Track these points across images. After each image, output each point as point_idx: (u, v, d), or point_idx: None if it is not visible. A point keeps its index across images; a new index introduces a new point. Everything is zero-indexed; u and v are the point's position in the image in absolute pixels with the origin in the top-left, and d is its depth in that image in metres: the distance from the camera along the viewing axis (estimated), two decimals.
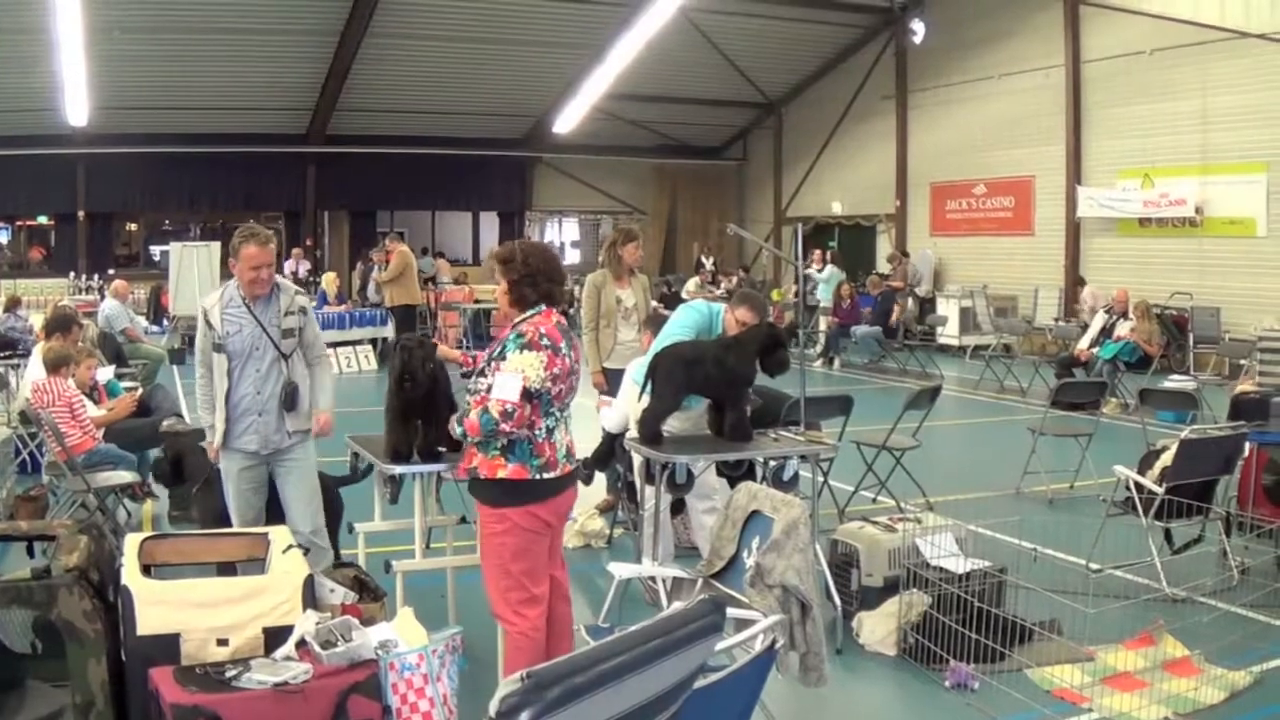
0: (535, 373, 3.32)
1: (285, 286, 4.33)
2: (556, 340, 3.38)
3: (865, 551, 4.64)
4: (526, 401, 3.31)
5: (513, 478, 3.39)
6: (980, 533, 4.72)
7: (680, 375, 4.48)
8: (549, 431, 3.41)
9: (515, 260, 3.48)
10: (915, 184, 19.14)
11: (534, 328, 3.38)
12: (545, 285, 3.44)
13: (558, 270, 3.47)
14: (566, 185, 23.12)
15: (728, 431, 4.58)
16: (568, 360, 3.40)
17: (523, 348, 3.34)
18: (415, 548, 4.21)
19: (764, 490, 3.93)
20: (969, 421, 10.75)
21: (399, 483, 4.18)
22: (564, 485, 3.45)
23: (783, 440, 4.72)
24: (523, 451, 3.39)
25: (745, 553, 3.79)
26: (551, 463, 3.40)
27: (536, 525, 3.41)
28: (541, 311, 3.44)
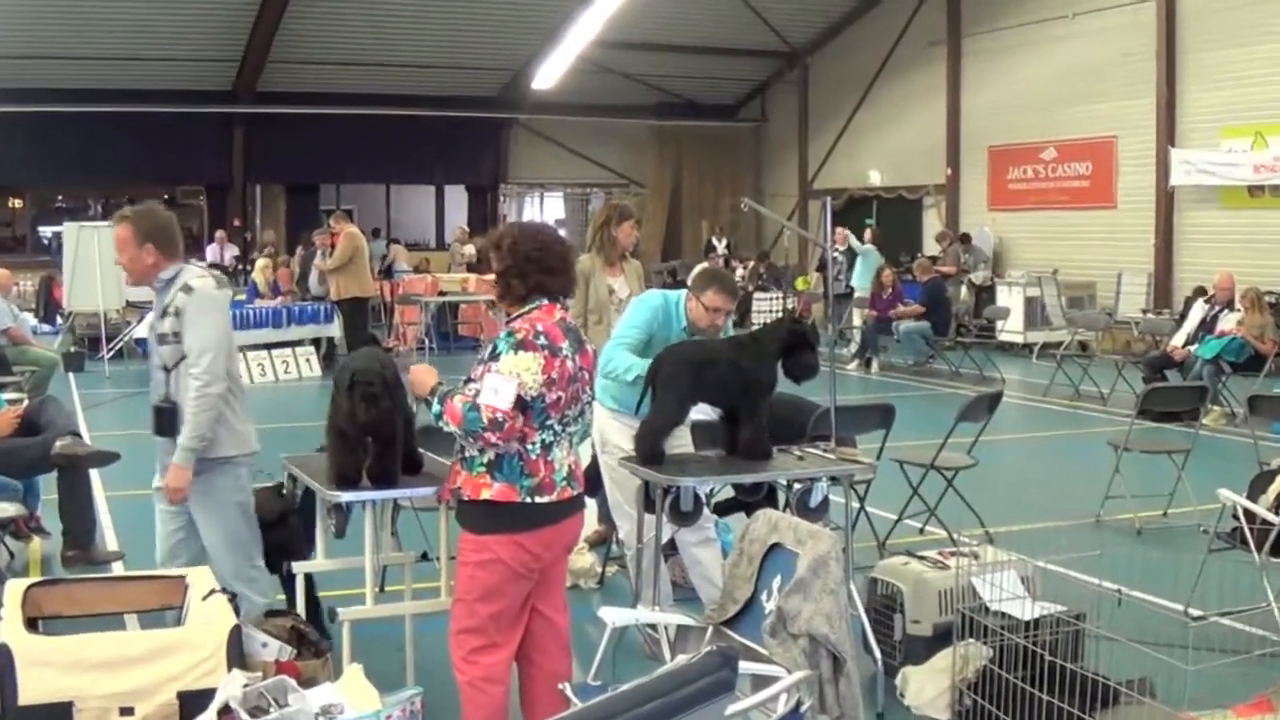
0: (531, 377, 3.34)
1: (180, 279, 4.21)
2: (556, 340, 3.40)
3: (911, 593, 4.65)
4: (520, 411, 3.33)
5: (498, 499, 3.41)
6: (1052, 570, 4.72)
7: (687, 380, 4.49)
8: (545, 447, 3.43)
9: (502, 246, 3.51)
10: (970, 148, 19.18)
11: (529, 325, 3.41)
12: (536, 277, 3.45)
13: (556, 257, 3.48)
14: (549, 153, 23.16)
15: (743, 448, 4.59)
16: (569, 364, 3.41)
17: (516, 347, 3.36)
18: (366, 591, 4.22)
19: (787, 519, 3.93)
20: (1037, 435, 10.73)
21: (346, 513, 4.19)
22: (562, 513, 3.46)
23: (809, 459, 4.72)
24: (512, 469, 3.41)
25: (764, 595, 3.80)
26: (546, 485, 3.42)
27: (523, 560, 3.42)
28: (540, 307, 3.46)
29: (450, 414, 3.39)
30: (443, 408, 3.41)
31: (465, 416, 3.35)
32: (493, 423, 3.32)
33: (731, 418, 4.64)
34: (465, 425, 3.35)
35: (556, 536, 3.48)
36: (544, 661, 3.57)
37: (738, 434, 4.60)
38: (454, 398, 3.42)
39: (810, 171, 22.69)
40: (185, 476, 4.13)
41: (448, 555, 4.28)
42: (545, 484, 3.43)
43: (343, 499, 4.07)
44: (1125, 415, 9.24)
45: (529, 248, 3.46)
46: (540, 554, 3.44)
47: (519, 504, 3.41)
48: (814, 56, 22.41)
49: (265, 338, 13.84)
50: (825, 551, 3.67)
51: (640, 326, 4.93)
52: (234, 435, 4.25)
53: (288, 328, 14.06)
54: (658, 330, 4.93)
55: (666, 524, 4.56)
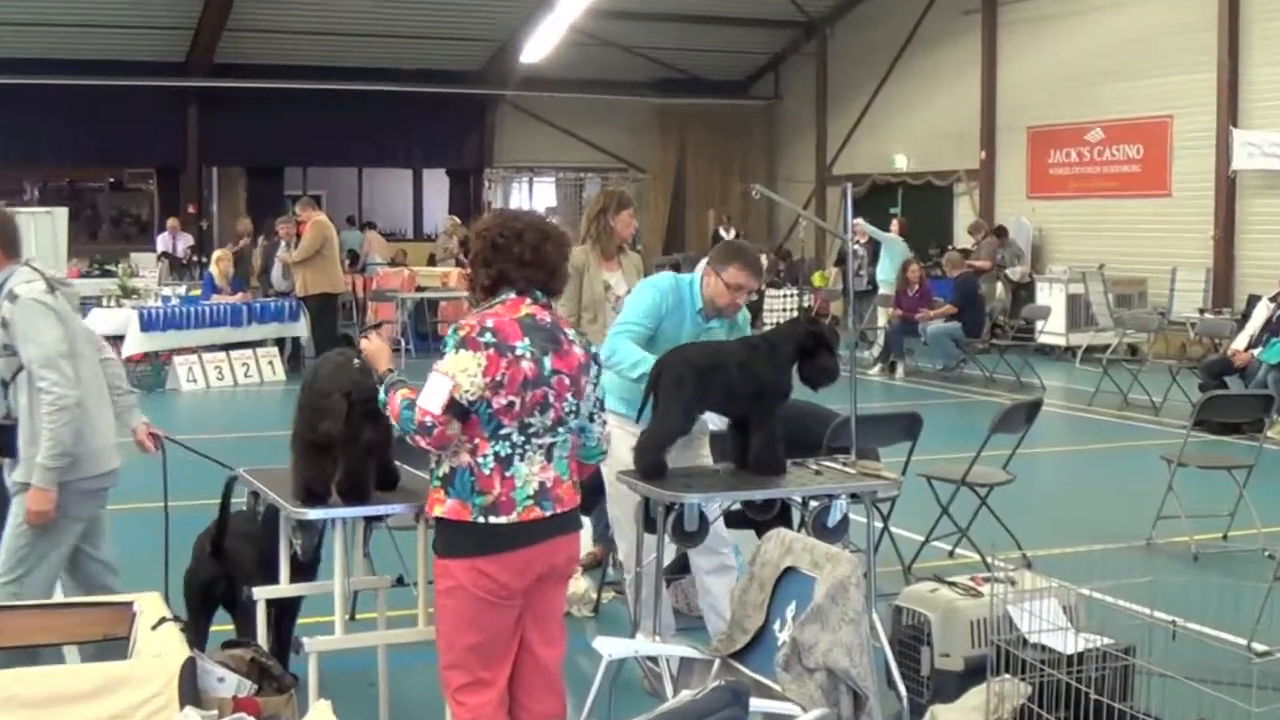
0: (469, 379, 3.34)
1: (7, 285, 4.18)
2: (508, 338, 3.40)
3: (940, 623, 4.65)
4: (455, 418, 3.35)
5: (450, 517, 3.44)
6: (1098, 599, 4.72)
7: (692, 386, 4.49)
8: (501, 461, 3.42)
9: (481, 232, 3.55)
10: (1007, 129, 19.21)
11: (477, 321, 3.42)
12: (500, 267, 3.48)
13: (527, 247, 3.48)
14: (539, 134, 23.18)
15: (753, 461, 4.59)
16: (526, 365, 3.40)
17: (458, 345, 3.39)
18: (335, 619, 4.22)
19: (802, 540, 3.93)
20: (1081, 448, 10.75)
21: (314, 531, 4.19)
22: (528, 536, 3.44)
23: (827, 473, 4.73)
24: (463, 484, 3.43)
25: (777, 624, 3.80)
26: (502, 503, 3.41)
27: (486, 588, 3.42)
28: (504, 301, 3.48)
29: (390, 409, 3.44)
30: (386, 398, 3.46)
31: (400, 415, 3.40)
32: (420, 427, 3.35)
33: (741, 427, 4.64)
34: (400, 425, 3.41)
35: (524, 563, 3.44)
36: (530, 702, 3.55)
37: (748, 445, 4.60)
38: (399, 391, 3.45)
39: (829, 155, 22.72)
40: (47, 499, 4.14)
41: (426, 579, 4.28)
42: (501, 502, 3.42)
43: (310, 516, 4.07)
44: (1180, 426, 9.26)
45: (496, 234, 3.49)
46: (507, 582, 3.43)
47: (471, 524, 3.42)
48: (834, 27, 22.44)
49: (223, 337, 13.85)
50: (845, 576, 3.67)
51: (647, 312, 4.87)
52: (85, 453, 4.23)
53: (248, 326, 14.07)
54: (668, 315, 4.88)
55: (669, 545, 4.56)
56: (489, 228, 3.52)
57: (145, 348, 13.23)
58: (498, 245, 3.48)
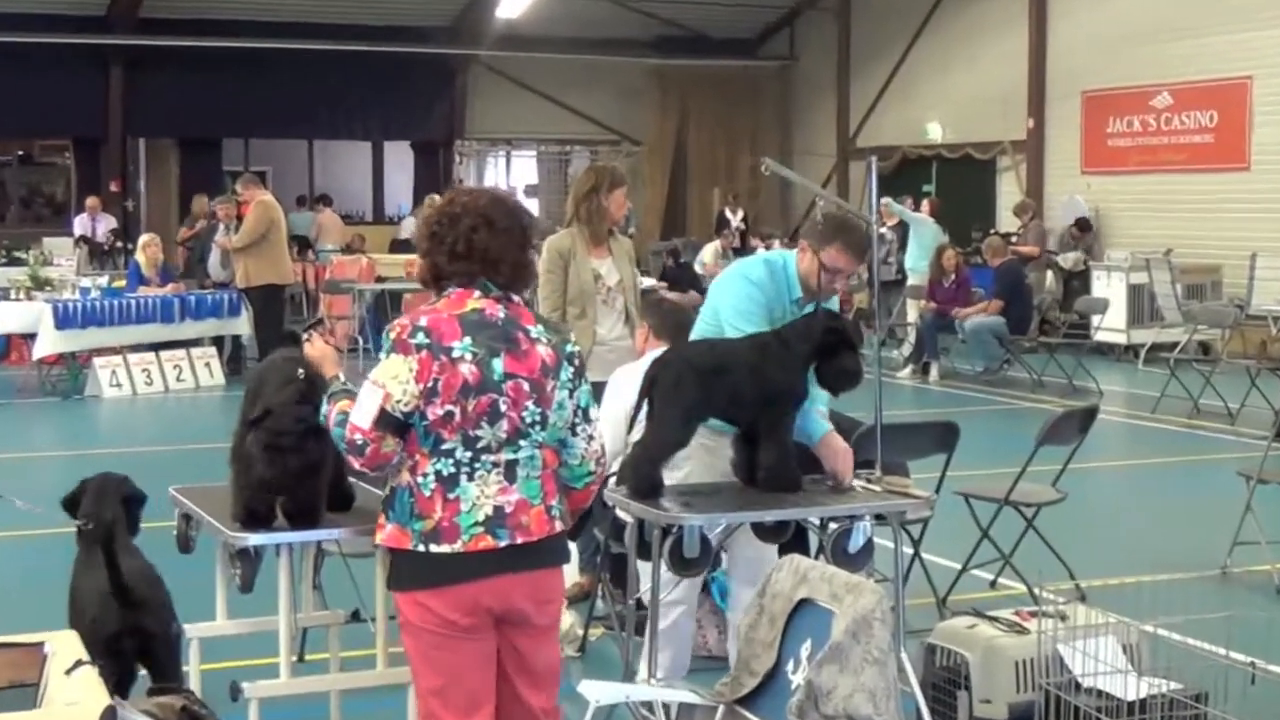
0: (399, 386, 3.38)
1: None
2: (444, 338, 3.41)
3: (979, 664, 4.66)
4: (391, 433, 3.38)
5: (390, 545, 3.50)
6: (1164, 637, 4.73)
7: (694, 390, 4.50)
8: (444, 481, 3.43)
9: (426, 216, 3.62)
10: (1058, 94, 19.23)
11: (411, 320, 3.46)
12: (435, 258, 3.50)
13: (461, 236, 3.49)
14: (518, 100, 23.19)
15: (763, 477, 4.59)
16: (465, 369, 3.41)
17: (389, 350, 3.45)
18: (280, 661, 4.22)
19: (819, 568, 3.94)
20: (1143, 462, 10.75)
21: (255, 560, 4.19)
22: (473, 570, 3.44)
23: (848, 491, 4.73)
24: (401, 507, 3.47)
25: (790, 665, 3.81)
26: (445, 530, 3.43)
27: (432, 623, 3.44)
28: (449, 295, 3.52)
29: (329, 421, 3.53)
30: (326, 409, 3.53)
31: (334, 430, 3.48)
32: (351, 445, 3.40)
33: (749, 438, 4.65)
34: (336, 440, 3.48)
35: (472, 600, 3.44)
36: None
37: (757, 459, 4.60)
38: (338, 403, 3.51)
39: (852, 125, 22.74)
40: None
41: (385, 614, 4.28)
42: (444, 529, 3.43)
43: (251, 542, 4.07)
44: (1260, 437, 9.24)
45: (436, 218, 3.54)
46: (456, 620, 3.44)
47: (410, 553, 3.45)
48: None
49: (152, 336, 13.84)
50: (868, 610, 3.68)
51: (753, 312, 4.76)
52: None
53: (181, 323, 14.06)
54: (775, 310, 4.82)
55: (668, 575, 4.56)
56: (432, 212, 3.59)
57: (61, 348, 13.19)
58: (435, 234, 3.52)
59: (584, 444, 3.62)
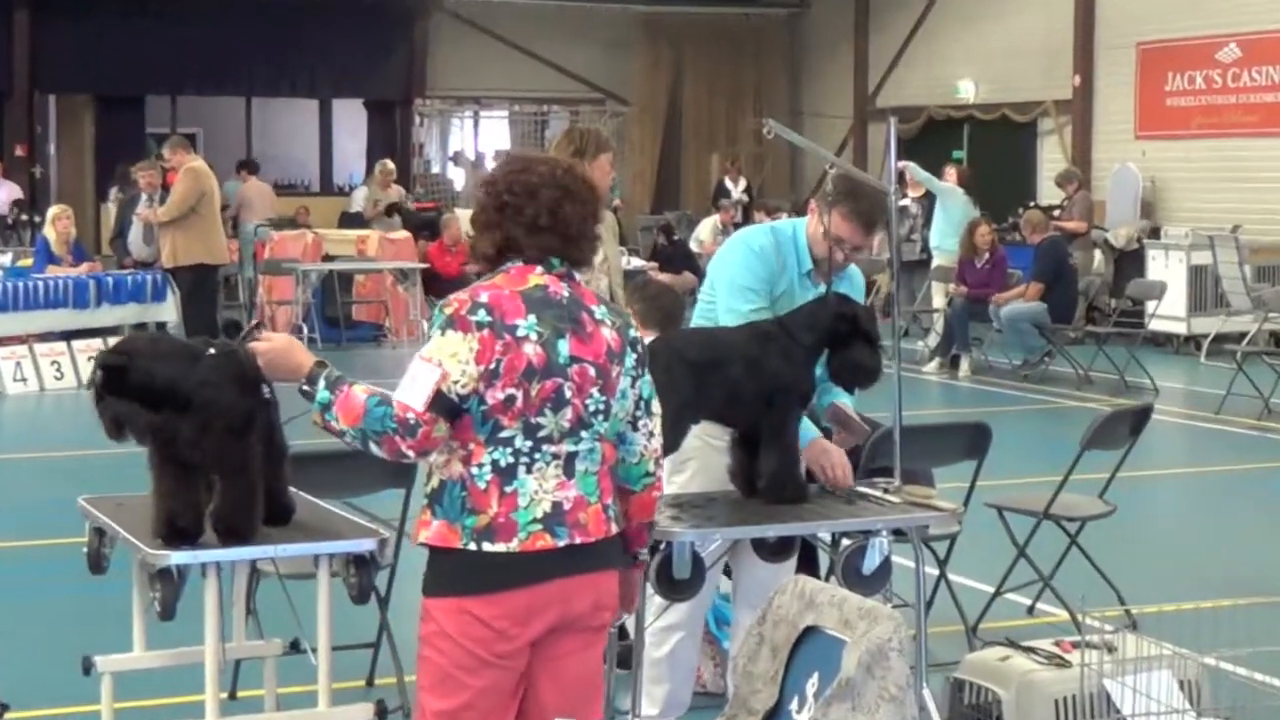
0: (459, 367, 3.42)
1: None
2: (507, 315, 3.47)
3: (1014, 702, 4.66)
4: (443, 415, 3.42)
5: (436, 543, 3.51)
6: (1226, 671, 4.75)
7: (685, 386, 4.50)
8: (501, 472, 3.48)
9: (487, 185, 3.63)
10: (1110, 47, 19.25)
11: (470, 295, 3.51)
12: (508, 231, 3.56)
13: (544, 208, 3.56)
14: (487, 53, 23.15)
15: (765, 486, 4.58)
16: (530, 349, 3.47)
17: (445, 326, 3.47)
18: (206, 698, 4.22)
19: (828, 591, 3.95)
20: (1205, 469, 10.77)
21: (179, 582, 4.19)
22: (531, 573, 3.49)
23: (862, 502, 4.72)
24: (451, 501, 3.50)
25: (794, 703, 3.82)
26: (502, 527, 3.47)
27: (476, 638, 3.47)
28: (507, 271, 3.58)
29: (345, 407, 3.46)
30: (334, 397, 3.48)
31: (369, 412, 3.43)
32: (403, 425, 3.40)
33: (749, 442, 4.63)
34: (366, 424, 3.43)
35: (527, 607, 3.49)
36: None
37: (757, 465, 4.59)
38: (354, 386, 3.50)
39: (871, 82, 22.73)
40: None
41: (329, 644, 4.29)
42: (500, 526, 3.47)
43: (173, 560, 4.06)
44: None
45: (505, 187, 3.57)
46: (505, 629, 3.47)
47: (460, 552, 3.47)
48: None
49: (63, 322, 13.83)
50: (884, 639, 3.69)
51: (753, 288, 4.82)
52: None
53: (97, 308, 14.04)
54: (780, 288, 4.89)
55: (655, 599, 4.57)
56: (495, 181, 3.61)
57: None
58: (505, 205, 3.56)
59: (644, 440, 3.68)
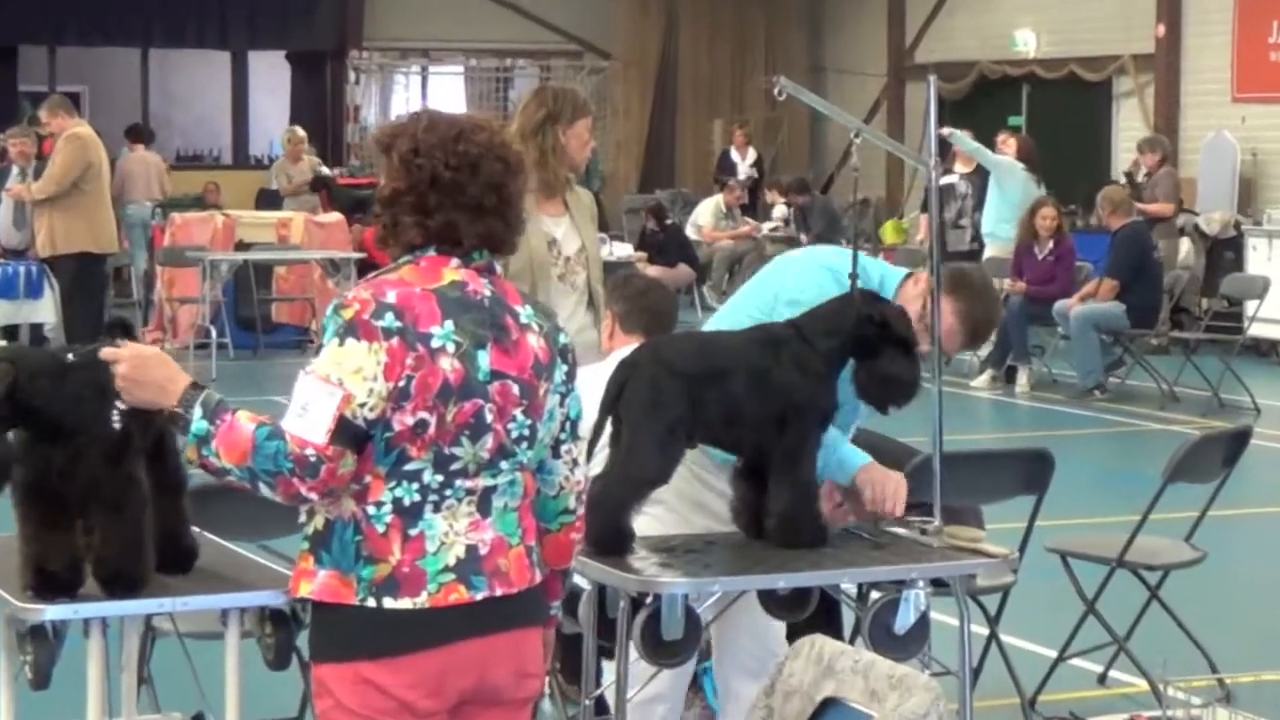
0: (363, 385, 3.40)
1: None
2: (419, 320, 3.45)
3: None
4: (349, 447, 3.41)
5: (323, 598, 3.50)
6: None
7: (676, 404, 4.52)
8: (404, 512, 3.48)
9: (395, 150, 3.56)
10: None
11: (373, 294, 3.47)
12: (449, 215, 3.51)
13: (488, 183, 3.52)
14: None
15: (774, 526, 4.62)
16: (447, 364, 3.46)
17: (344, 334, 3.45)
18: None
19: (851, 655, 3.96)
20: None
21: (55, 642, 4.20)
22: (442, 632, 3.50)
23: (894, 546, 4.76)
24: (343, 547, 3.49)
25: None
26: (407, 578, 3.47)
27: (382, 710, 3.47)
28: (416, 262, 3.54)
29: (228, 441, 3.42)
30: (213, 428, 3.43)
31: (258, 448, 3.39)
32: (301, 464, 3.37)
33: (755, 472, 4.67)
34: (255, 462, 3.39)
35: (439, 673, 3.51)
36: None
37: (765, 501, 4.62)
38: (236, 414, 3.45)
39: (909, 33, 22.79)
40: None
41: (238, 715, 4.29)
42: (404, 576, 3.46)
43: (48, 616, 4.06)
44: None
45: (444, 158, 3.52)
46: (415, 701, 3.48)
47: (355, 609, 3.47)
48: None
49: None
50: (920, 714, 3.70)
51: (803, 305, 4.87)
52: None
53: None
54: None
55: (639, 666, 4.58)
56: (421, 149, 3.53)
57: None
58: (441, 181, 3.51)
59: (566, 470, 3.69)
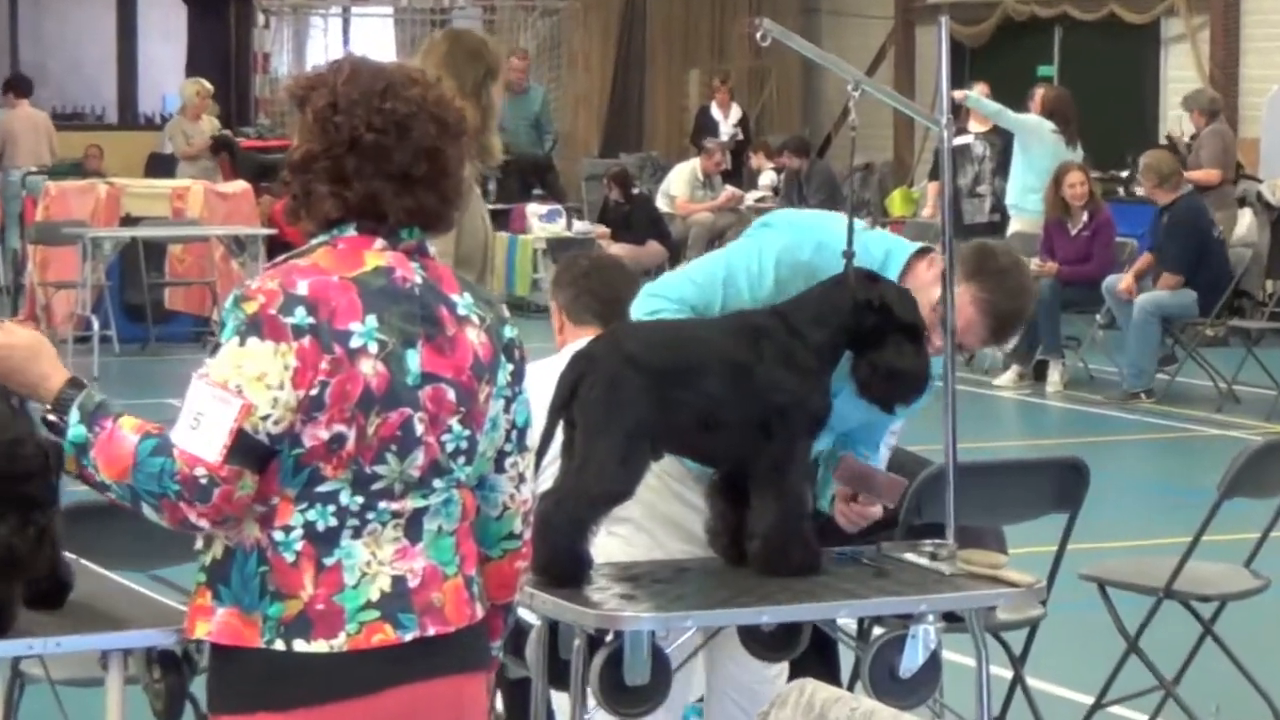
0: (266, 394, 3.41)
1: None
2: (334, 316, 3.47)
3: None
4: (248, 466, 3.42)
5: (223, 641, 3.53)
6: None
7: (640, 404, 4.55)
8: (318, 539, 3.50)
9: (310, 104, 3.57)
10: None
11: (281, 283, 3.49)
12: (373, 183, 3.52)
13: (415, 147, 3.53)
14: None
15: (758, 550, 4.64)
16: (368, 367, 3.47)
17: (245, 331, 3.46)
18: None
19: (849, 702, 3.96)
20: None
21: None
22: (364, 680, 3.53)
23: (898, 573, 4.80)
24: (244, 580, 3.51)
25: None
26: (322, 616, 3.49)
27: None
28: (332, 243, 3.56)
29: (108, 452, 3.44)
30: (91, 436, 3.46)
31: (140, 465, 3.41)
32: (190, 486, 3.38)
33: (735, 486, 4.69)
34: (136, 480, 3.41)
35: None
36: None
37: (747, 520, 4.64)
38: (120, 420, 3.47)
39: None
40: None
41: None
42: (318, 614, 3.48)
43: None
44: None
45: (366, 116, 3.53)
46: None
47: (261, 653, 3.48)
48: None
49: None
50: None
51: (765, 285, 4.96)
52: None
53: None
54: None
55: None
56: (341, 104, 3.54)
57: None
58: (363, 144, 3.52)
59: (511, 487, 3.70)
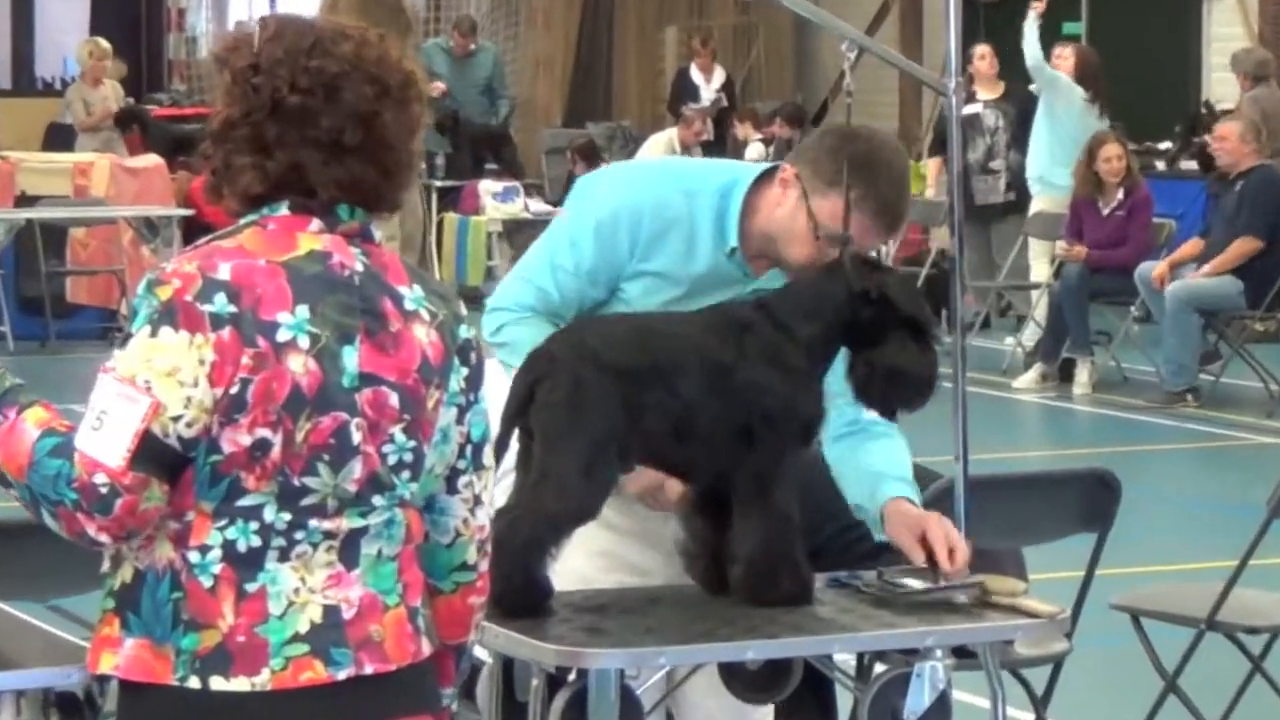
0: (179, 392, 3.43)
1: None
2: (259, 304, 3.48)
3: None
4: (156, 474, 3.44)
5: (130, 676, 3.54)
6: None
7: (605, 408, 4.60)
8: (239, 560, 3.51)
9: (232, 64, 3.58)
10: None
11: (200, 268, 3.50)
12: (296, 152, 3.54)
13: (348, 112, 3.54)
14: None
15: (740, 575, 4.68)
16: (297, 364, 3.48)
17: (156, 321, 3.47)
18: None
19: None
20: None
21: None
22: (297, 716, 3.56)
23: (901, 602, 4.83)
24: (155, 607, 3.53)
25: None
26: (244, 650, 3.50)
27: None
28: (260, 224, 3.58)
29: (7, 447, 3.47)
30: None
31: (36, 465, 3.43)
32: (88, 494, 3.39)
33: (715, 502, 4.72)
34: (33, 480, 3.44)
35: None
36: None
37: (729, 542, 4.68)
38: (27, 413, 3.50)
39: None
40: None
41: None
42: (238, 647, 3.49)
43: None
44: None
45: (290, 75, 3.55)
46: None
47: (173, 690, 3.49)
48: None
49: None
50: None
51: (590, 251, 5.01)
52: None
53: None
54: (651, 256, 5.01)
55: None
56: (263, 64, 3.56)
57: None
58: (286, 108, 3.54)
59: (463, 510, 3.71)
